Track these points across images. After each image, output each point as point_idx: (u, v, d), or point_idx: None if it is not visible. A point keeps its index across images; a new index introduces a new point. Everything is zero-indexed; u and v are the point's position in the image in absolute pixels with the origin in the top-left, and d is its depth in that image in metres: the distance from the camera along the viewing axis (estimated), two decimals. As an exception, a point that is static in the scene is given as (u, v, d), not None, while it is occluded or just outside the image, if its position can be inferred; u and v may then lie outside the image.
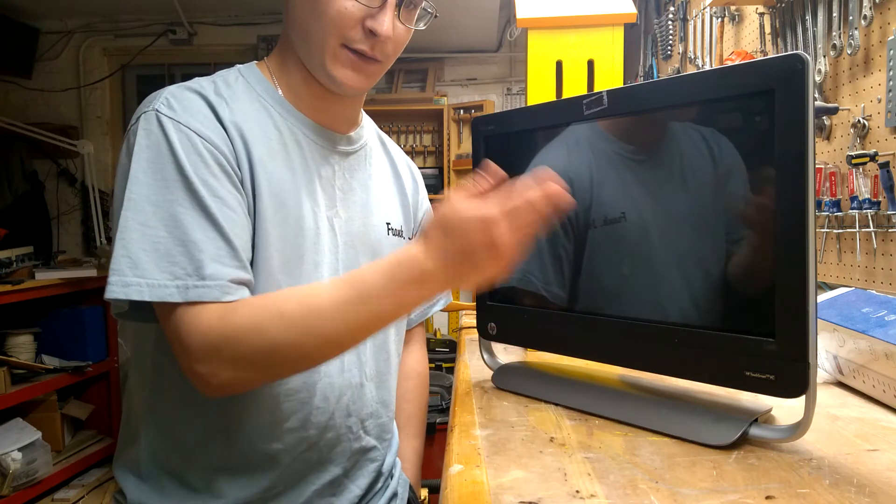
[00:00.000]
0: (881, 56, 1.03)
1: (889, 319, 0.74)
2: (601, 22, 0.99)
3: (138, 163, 0.61)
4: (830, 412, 0.72)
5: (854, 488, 0.53)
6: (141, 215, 0.59)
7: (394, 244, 0.82)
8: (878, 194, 1.03)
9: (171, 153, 0.61)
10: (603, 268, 0.74)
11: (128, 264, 0.58)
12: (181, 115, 0.63)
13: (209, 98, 0.66)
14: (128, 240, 0.59)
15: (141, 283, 0.58)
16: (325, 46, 0.67)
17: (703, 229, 0.66)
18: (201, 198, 0.61)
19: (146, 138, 0.62)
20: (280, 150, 0.69)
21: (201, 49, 3.04)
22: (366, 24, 0.66)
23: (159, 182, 0.60)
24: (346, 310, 0.56)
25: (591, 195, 0.74)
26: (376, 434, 0.78)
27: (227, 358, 0.58)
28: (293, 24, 0.70)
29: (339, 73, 0.68)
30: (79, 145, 2.68)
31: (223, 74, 0.71)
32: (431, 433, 2.05)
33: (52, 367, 2.38)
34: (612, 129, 0.73)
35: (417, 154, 3.13)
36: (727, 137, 0.64)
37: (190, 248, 0.59)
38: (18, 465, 2.07)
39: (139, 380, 0.73)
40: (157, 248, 0.59)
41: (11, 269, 2.29)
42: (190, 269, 0.59)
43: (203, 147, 0.62)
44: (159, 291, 0.58)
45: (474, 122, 0.87)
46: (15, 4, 2.70)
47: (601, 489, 0.53)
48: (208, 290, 0.59)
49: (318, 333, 0.57)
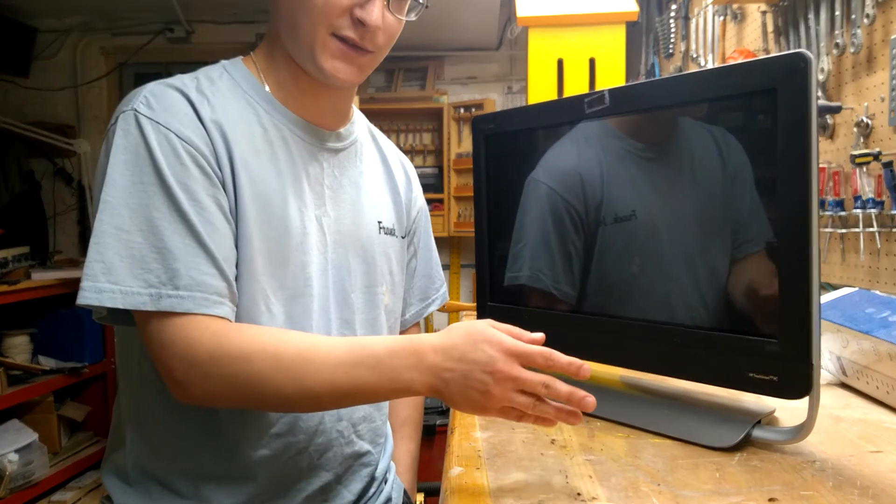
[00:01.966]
0: (884, 55, 1.03)
1: (893, 320, 0.74)
2: (603, 20, 0.98)
3: (115, 164, 0.60)
4: (834, 413, 0.72)
5: (858, 490, 0.52)
6: (117, 219, 0.58)
7: (385, 243, 0.81)
8: (881, 194, 1.03)
9: (149, 155, 0.60)
10: (612, 266, 0.73)
11: (101, 269, 0.57)
12: (160, 115, 0.62)
13: (190, 95, 0.64)
14: (102, 244, 0.58)
15: (114, 289, 0.57)
16: (314, 37, 0.66)
17: (710, 228, 0.65)
18: (179, 203, 0.60)
19: (124, 139, 0.61)
20: (265, 147, 0.68)
21: (199, 47, 3.03)
22: (354, 13, 0.65)
23: (136, 185, 0.59)
24: (335, 371, 0.56)
25: (602, 192, 0.73)
26: (370, 438, 0.77)
27: (207, 374, 0.58)
28: (280, 17, 0.68)
29: (329, 65, 0.67)
30: (76, 144, 2.67)
31: (207, 71, 0.70)
32: (431, 435, 2.04)
33: (48, 368, 2.37)
34: (621, 126, 0.72)
35: (417, 153, 3.12)
36: (730, 136, 0.63)
37: (165, 256, 0.58)
38: (15, 467, 2.06)
39: (125, 384, 0.72)
40: (132, 253, 0.58)
41: (7, 269, 2.28)
42: (164, 278, 0.58)
43: (182, 149, 0.61)
44: (132, 299, 0.57)
45: (475, 121, 0.86)
46: (12, 3, 2.69)
47: (603, 491, 0.52)
48: (181, 301, 0.58)
49: (303, 385, 0.57)
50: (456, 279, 3.12)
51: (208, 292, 0.60)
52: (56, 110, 2.98)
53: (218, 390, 0.59)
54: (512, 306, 0.84)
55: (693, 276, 0.67)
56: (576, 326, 0.74)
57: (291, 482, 0.70)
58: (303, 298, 0.69)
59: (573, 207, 0.76)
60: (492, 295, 0.87)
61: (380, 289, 0.79)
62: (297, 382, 0.57)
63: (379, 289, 0.79)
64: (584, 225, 0.75)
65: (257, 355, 0.57)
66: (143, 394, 0.69)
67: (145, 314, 0.59)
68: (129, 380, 0.71)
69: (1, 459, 2.03)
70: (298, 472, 0.70)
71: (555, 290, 0.79)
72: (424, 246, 0.93)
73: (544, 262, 0.80)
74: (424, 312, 0.95)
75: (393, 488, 0.85)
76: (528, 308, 0.83)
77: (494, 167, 0.85)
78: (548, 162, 0.79)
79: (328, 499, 0.73)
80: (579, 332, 0.75)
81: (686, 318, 0.67)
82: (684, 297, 0.67)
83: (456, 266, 3.13)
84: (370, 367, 0.56)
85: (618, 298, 0.73)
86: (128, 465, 0.69)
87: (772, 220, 0.59)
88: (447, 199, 2.98)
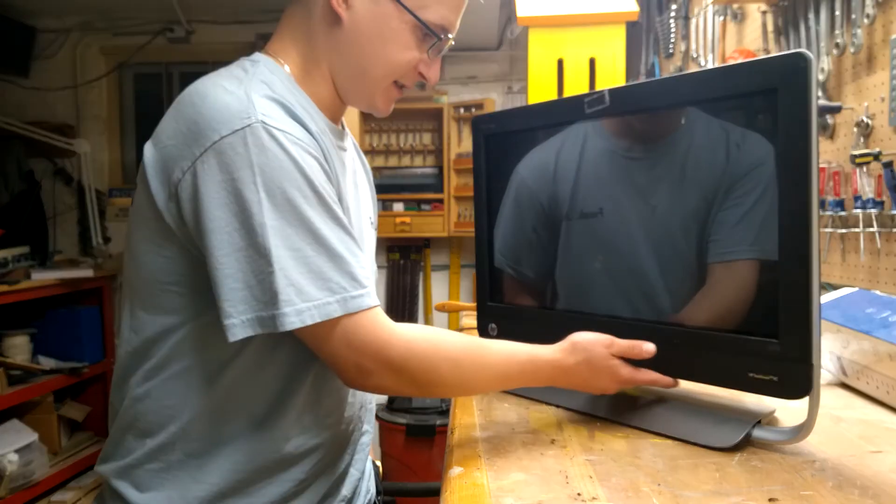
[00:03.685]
0: (884, 55, 1.03)
1: (893, 320, 0.74)
2: (603, 20, 0.98)
3: (265, 183, 0.58)
4: (834, 414, 0.72)
5: (858, 490, 0.52)
6: (287, 240, 0.59)
7: (372, 237, 0.84)
8: (881, 194, 1.03)
9: (294, 167, 0.60)
10: (575, 260, 0.77)
11: (294, 292, 0.58)
12: (288, 126, 0.61)
13: (286, 104, 0.63)
14: (286, 268, 0.58)
15: (310, 306, 0.59)
16: (380, 85, 0.71)
17: (701, 227, 0.65)
18: (333, 210, 0.62)
19: (265, 153, 0.59)
20: (333, 154, 0.70)
21: (199, 48, 3.02)
22: (419, 69, 0.71)
23: (300, 201, 0.59)
24: (497, 379, 0.69)
25: (572, 188, 0.76)
26: (368, 419, 0.81)
27: (399, 370, 0.63)
28: (343, 54, 0.69)
29: (382, 106, 0.74)
30: (75, 144, 2.67)
31: (260, 75, 0.66)
32: (431, 435, 2.05)
33: (48, 368, 2.37)
34: (609, 125, 0.73)
35: (417, 153, 3.12)
36: (729, 136, 0.63)
37: (339, 263, 0.61)
38: (15, 467, 2.06)
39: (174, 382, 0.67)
40: (311, 269, 0.60)
41: (7, 269, 2.28)
42: (344, 283, 0.60)
43: (312, 157, 0.62)
44: (325, 309, 0.59)
45: (475, 121, 0.86)
46: (11, 2, 2.69)
47: (603, 492, 0.52)
48: (361, 300, 0.61)
49: (471, 383, 0.68)
50: (456, 279, 3.12)
51: (371, 286, 0.64)
52: (56, 110, 2.98)
53: (401, 386, 0.65)
54: (512, 306, 0.84)
55: (689, 276, 0.67)
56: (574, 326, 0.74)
57: (326, 468, 0.72)
58: None
59: (536, 197, 0.81)
60: (492, 295, 0.87)
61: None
62: (467, 382, 0.68)
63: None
64: (547, 216, 0.79)
65: (441, 361, 0.65)
66: (206, 393, 0.66)
67: (329, 323, 0.60)
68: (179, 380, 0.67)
69: (1, 459, 2.03)
70: (333, 458, 0.73)
71: (513, 270, 0.85)
72: None
73: (507, 245, 0.85)
74: None
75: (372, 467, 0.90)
76: (525, 307, 0.83)
77: (494, 167, 0.85)
78: (531, 154, 0.82)
79: (344, 478, 0.76)
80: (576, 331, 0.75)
81: (683, 318, 0.67)
82: (676, 294, 0.68)
83: (456, 266, 3.13)
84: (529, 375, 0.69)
85: (607, 299, 0.75)
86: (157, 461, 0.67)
87: (772, 220, 0.59)
88: (447, 199, 2.98)
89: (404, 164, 3.09)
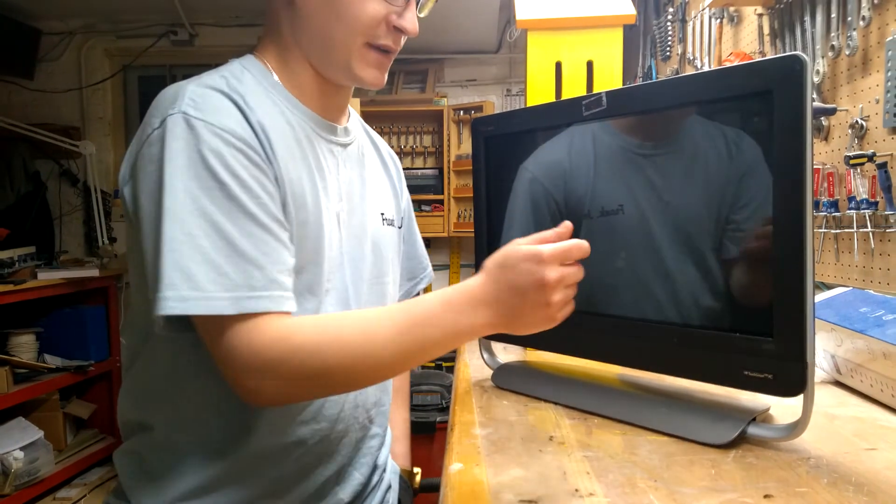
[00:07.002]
0: (879, 57, 1.04)
1: (887, 319, 0.74)
2: (600, 23, 0.99)
3: (173, 170, 0.58)
4: (828, 411, 0.73)
5: (852, 487, 0.53)
6: (186, 226, 0.57)
7: (388, 234, 0.82)
8: (875, 195, 1.03)
9: (206, 158, 0.58)
10: (597, 259, 0.75)
11: (180, 278, 0.56)
12: (211, 116, 0.60)
13: (231, 96, 0.63)
14: (178, 252, 0.56)
15: (198, 296, 0.56)
16: (350, 49, 0.67)
17: (704, 226, 0.66)
18: (242, 203, 0.59)
19: (176, 142, 0.59)
20: (296, 147, 0.68)
21: (203, 50, 3.04)
22: (391, 21, 0.67)
23: (199, 190, 0.58)
24: (399, 339, 0.58)
25: (589, 186, 0.75)
26: (379, 421, 0.80)
27: (279, 376, 0.58)
28: (304, 29, 0.68)
29: (366, 74, 0.69)
30: (81, 146, 2.68)
31: (227, 70, 0.68)
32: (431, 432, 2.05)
33: (53, 366, 2.39)
34: (618, 123, 0.73)
35: (417, 155, 3.13)
36: (726, 137, 0.64)
37: (238, 259, 0.58)
38: (20, 464, 2.07)
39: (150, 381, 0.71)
40: (207, 259, 0.57)
41: (14, 269, 2.30)
42: (239, 281, 0.57)
43: (237, 149, 0.60)
44: (214, 304, 0.56)
45: (474, 123, 0.87)
46: (16, 5, 2.70)
47: (600, 488, 0.53)
48: (258, 301, 0.58)
49: (372, 359, 0.58)
50: (456, 279, 3.12)
51: (282, 289, 0.60)
52: (61, 112, 3.00)
53: (290, 391, 0.60)
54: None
55: (686, 274, 0.68)
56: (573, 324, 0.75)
57: (311, 468, 0.72)
58: (328, 294, 0.71)
59: (552, 196, 0.78)
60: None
61: (387, 279, 0.81)
62: (366, 360, 0.58)
63: (386, 279, 0.81)
64: (563, 216, 0.76)
65: (324, 345, 0.58)
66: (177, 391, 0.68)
67: (220, 320, 0.58)
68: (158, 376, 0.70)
69: (7, 457, 2.05)
70: (318, 459, 0.72)
71: None
72: (410, 230, 0.96)
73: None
74: (413, 291, 0.97)
75: (391, 476, 0.87)
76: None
77: (494, 168, 0.86)
78: (539, 152, 0.81)
79: (341, 481, 0.75)
80: (578, 331, 0.76)
81: (681, 316, 0.68)
82: (676, 295, 0.68)
83: (456, 266, 3.14)
84: (432, 325, 0.57)
85: (608, 297, 0.74)
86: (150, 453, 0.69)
87: (767, 220, 0.60)
88: (447, 199, 2.99)
89: (405, 166, 3.10)
